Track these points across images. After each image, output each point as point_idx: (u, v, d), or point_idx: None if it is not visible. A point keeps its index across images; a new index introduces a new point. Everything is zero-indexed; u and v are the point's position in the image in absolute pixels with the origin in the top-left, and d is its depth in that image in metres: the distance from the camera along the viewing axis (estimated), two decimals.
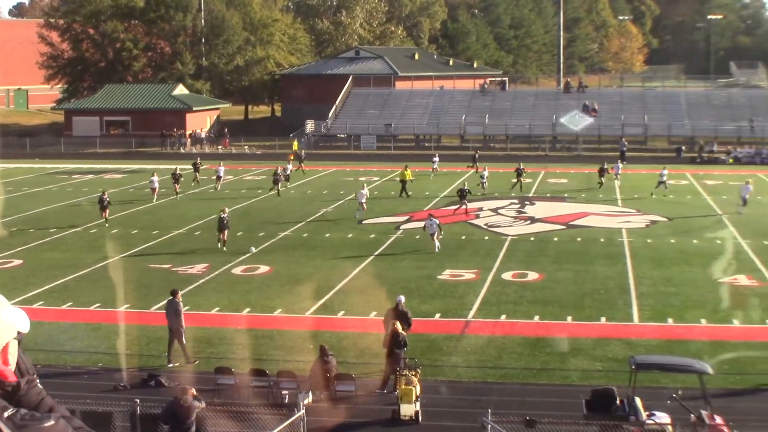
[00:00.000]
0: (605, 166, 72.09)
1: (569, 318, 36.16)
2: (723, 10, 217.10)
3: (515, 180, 69.23)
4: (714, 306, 37.71)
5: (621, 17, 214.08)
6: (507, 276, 43.08)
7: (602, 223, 57.10)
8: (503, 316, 36.40)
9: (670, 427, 22.65)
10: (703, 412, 23.36)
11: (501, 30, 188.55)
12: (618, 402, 24.09)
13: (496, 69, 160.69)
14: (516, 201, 65.85)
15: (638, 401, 23.70)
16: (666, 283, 41.60)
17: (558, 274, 43.36)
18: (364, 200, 58.01)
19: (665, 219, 58.53)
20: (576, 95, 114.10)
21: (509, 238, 52.54)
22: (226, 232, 48.79)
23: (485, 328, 35.02)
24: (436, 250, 47.91)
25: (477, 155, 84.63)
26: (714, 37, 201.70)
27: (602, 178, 71.06)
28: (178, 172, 67.56)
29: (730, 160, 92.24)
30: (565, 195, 69.09)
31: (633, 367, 23.99)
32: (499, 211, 61.57)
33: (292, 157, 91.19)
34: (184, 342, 30.60)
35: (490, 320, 35.96)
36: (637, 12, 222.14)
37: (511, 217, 59.61)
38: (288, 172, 73.15)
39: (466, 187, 59.51)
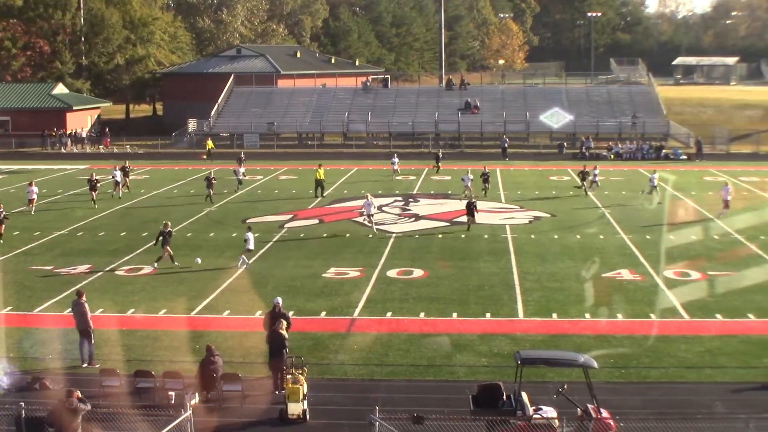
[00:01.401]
0: (586, 170, 68.86)
1: (454, 314, 36.26)
2: (602, 7, 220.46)
3: (483, 187, 67.50)
4: (598, 300, 38.11)
5: (502, 15, 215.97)
6: (392, 273, 43.07)
7: (486, 220, 57.34)
8: (389, 314, 36.38)
9: (556, 421, 22.74)
10: (589, 406, 23.54)
11: (383, 28, 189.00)
12: (504, 397, 24.16)
13: (379, 67, 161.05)
14: (400, 198, 65.96)
15: (525, 396, 23.80)
16: (550, 279, 41.95)
17: (443, 271, 43.47)
18: (372, 210, 55.07)
19: (548, 215, 59.04)
20: (458, 92, 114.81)
21: (394, 235, 52.55)
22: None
23: (371, 325, 34.96)
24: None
25: (440, 154, 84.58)
26: (594, 34, 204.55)
27: (584, 183, 67.94)
28: (94, 178, 64.84)
29: (612, 156, 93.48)
30: (449, 192, 69.31)
31: (519, 362, 24.06)
32: (384, 208, 61.55)
33: (205, 156, 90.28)
34: (93, 342, 30.29)
35: (376, 318, 35.91)
36: (517, 10, 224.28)
37: (396, 214, 59.63)
38: (240, 176, 71.37)
39: (473, 200, 56.05)
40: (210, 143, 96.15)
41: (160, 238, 45.29)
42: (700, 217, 58.12)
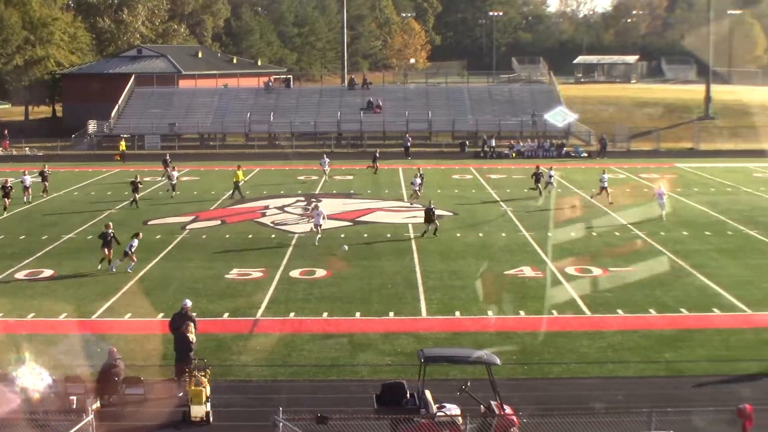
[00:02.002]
0: (540, 171, 67.35)
1: (358, 313, 36.22)
2: (504, 6, 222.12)
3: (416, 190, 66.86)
4: (500, 298, 38.32)
5: (404, 14, 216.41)
6: (295, 274, 42.91)
7: (388, 219, 57.46)
8: (292, 314, 36.23)
9: (460, 418, 22.79)
10: (492, 403, 23.62)
11: (285, 28, 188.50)
12: (408, 395, 24.14)
13: (281, 67, 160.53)
14: (302, 198, 65.77)
15: (428, 394, 23.80)
16: (453, 277, 42.08)
17: (346, 271, 43.42)
18: (321, 221, 51.65)
19: (451, 213, 59.25)
20: (360, 92, 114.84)
21: (296, 235, 52.36)
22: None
23: (274, 326, 34.78)
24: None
25: (377, 154, 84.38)
26: (496, 33, 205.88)
27: (539, 184, 65.93)
28: (9, 184, 62.89)
29: (513, 154, 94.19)
30: (351, 191, 69.28)
31: (422, 360, 24.06)
32: (286, 208, 61.35)
33: (118, 158, 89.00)
34: None
35: (279, 318, 35.74)
36: (419, 9, 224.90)
37: (298, 214, 59.42)
38: (174, 180, 69.22)
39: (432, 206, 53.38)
40: (122, 145, 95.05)
41: (108, 239, 44.34)
42: (601, 213, 58.74)
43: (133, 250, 43.61)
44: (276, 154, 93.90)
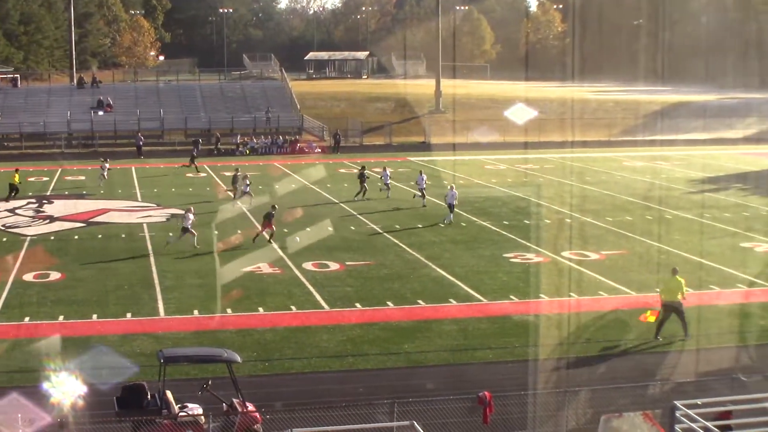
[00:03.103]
0: (365, 172, 65.18)
1: (95, 316, 35.41)
2: (234, 3, 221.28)
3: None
4: (239, 295, 38.16)
5: (133, 12, 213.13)
6: (28, 277, 41.57)
7: (123, 219, 56.46)
8: (27, 318, 35.10)
9: (202, 417, 22.56)
10: (234, 400, 23.49)
11: (10, 26, 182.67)
12: (149, 397, 23.74)
13: (7, 66, 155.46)
14: (34, 200, 63.87)
15: (169, 394, 23.48)
16: (190, 275, 41.64)
17: (81, 273, 42.37)
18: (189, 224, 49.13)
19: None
20: (90, 90, 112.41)
21: (28, 238, 50.81)
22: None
23: (9, 331, 33.60)
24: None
25: (195, 152, 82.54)
26: (226, 30, 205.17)
27: (365, 185, 63.56)
28: None
29: (247, 151, 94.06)
30: (84, 192, 67.74)
31: (161, 360, 23.74)
32: (17, 211, 59.44)
33: None
34: None
35: (14, 323, 34.55)
36: (148, 6, 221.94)
37: (29, 216, 57.68)
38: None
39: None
40: None
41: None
42: (336, 209, 59.27)
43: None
44: (4, 156, 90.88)
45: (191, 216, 48.53)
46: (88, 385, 24.97)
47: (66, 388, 23.08)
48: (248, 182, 61.86)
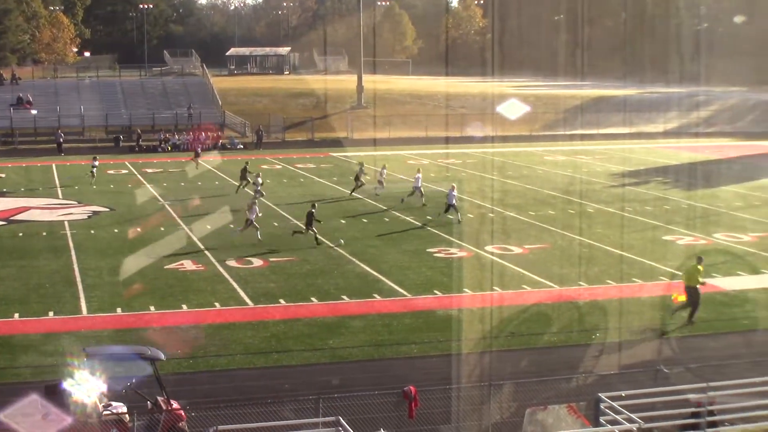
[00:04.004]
0: (363, 169, 64.82)
1: (16, 315, 35.02)
2: None
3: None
4: (162, 292, 37.95)
5: (52, 8, 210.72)
6: None
7: (43, 217, 55.86)
8: None
9: (127, 416, 22.40)
10: (159, 398, 23.34)
11: None
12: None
13: None
14: None
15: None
16: (112, 273, 41.32)
17: (1, 271, 41.86)
18: (254, 217, 49.04)
19: (107, 209, 58.18)
20: (9, 87, 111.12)
21: None
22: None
23: None
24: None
25: (200, 149, 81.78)
26: (147, 26, 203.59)
27: (361, 180, 63.18)
28: None
29: (169, 148, 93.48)
30: (4, 190, 66.91)
31: (85, 359, 23.52)
32: None
33: None
34: None
35: None
36: (68, 2, 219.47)
37: None
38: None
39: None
40: None
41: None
42: (260, 205, 59.13)
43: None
44: None
45: (256, 208, 49.15)
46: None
47: (86, 386, 22.78)
48: (260, 181, 61.22)
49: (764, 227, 52.73)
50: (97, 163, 71.78)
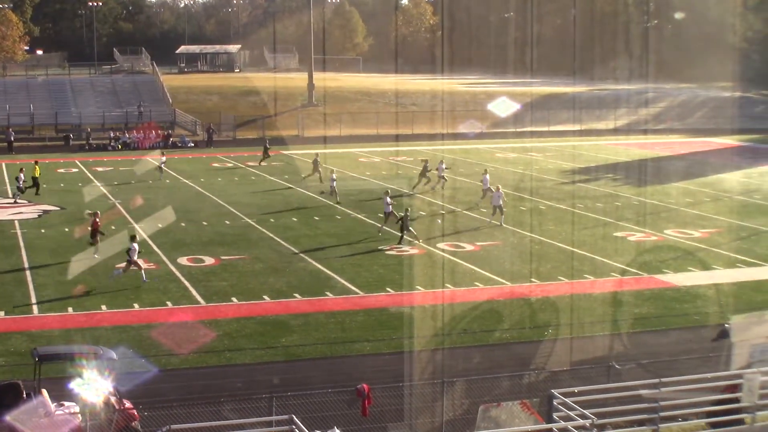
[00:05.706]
0: (428, 165, 64.95)
1: None
2: None
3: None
4: (114, 291, 37.78)
5: (0, 5, 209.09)
6: None
7: None
8: None
9: (79, 416, 22.32)
10: (112, 398, 23.26)
11: None
12: (25, 395, 23.41)
13: None
14: None
15: (45, 393, 23.18)
16: (63, 273, 41.09)
17: None
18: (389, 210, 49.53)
19: (58, 208, 57.84)
20: None
21: None
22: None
23: None
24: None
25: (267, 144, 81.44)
26: (96, 23, 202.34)
27: (424, 177, 64.12)
28: None
29: (119, 146, 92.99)
30: None
31: (36, 358, 23.49)
32: None
33: None
34: None
35: None
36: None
37: None
38: (21, 183, 61.41)
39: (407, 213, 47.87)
40: None
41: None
42: (212, 203, 58.98)
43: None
44: None
45: (389, 199, 49.78)
46: None
47: (94, 386, 22.66)
48: (334, 177, 60.92)
49: (714, 223, 53.24)
50: (164, 158, 72.47)
